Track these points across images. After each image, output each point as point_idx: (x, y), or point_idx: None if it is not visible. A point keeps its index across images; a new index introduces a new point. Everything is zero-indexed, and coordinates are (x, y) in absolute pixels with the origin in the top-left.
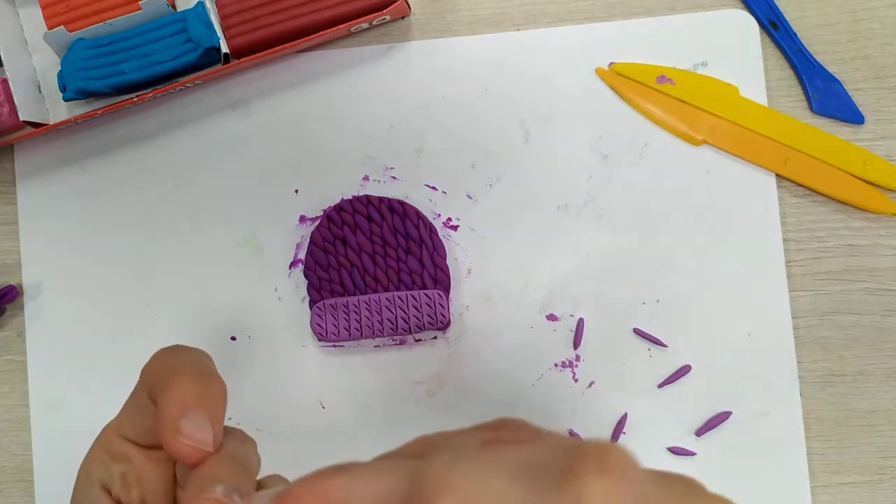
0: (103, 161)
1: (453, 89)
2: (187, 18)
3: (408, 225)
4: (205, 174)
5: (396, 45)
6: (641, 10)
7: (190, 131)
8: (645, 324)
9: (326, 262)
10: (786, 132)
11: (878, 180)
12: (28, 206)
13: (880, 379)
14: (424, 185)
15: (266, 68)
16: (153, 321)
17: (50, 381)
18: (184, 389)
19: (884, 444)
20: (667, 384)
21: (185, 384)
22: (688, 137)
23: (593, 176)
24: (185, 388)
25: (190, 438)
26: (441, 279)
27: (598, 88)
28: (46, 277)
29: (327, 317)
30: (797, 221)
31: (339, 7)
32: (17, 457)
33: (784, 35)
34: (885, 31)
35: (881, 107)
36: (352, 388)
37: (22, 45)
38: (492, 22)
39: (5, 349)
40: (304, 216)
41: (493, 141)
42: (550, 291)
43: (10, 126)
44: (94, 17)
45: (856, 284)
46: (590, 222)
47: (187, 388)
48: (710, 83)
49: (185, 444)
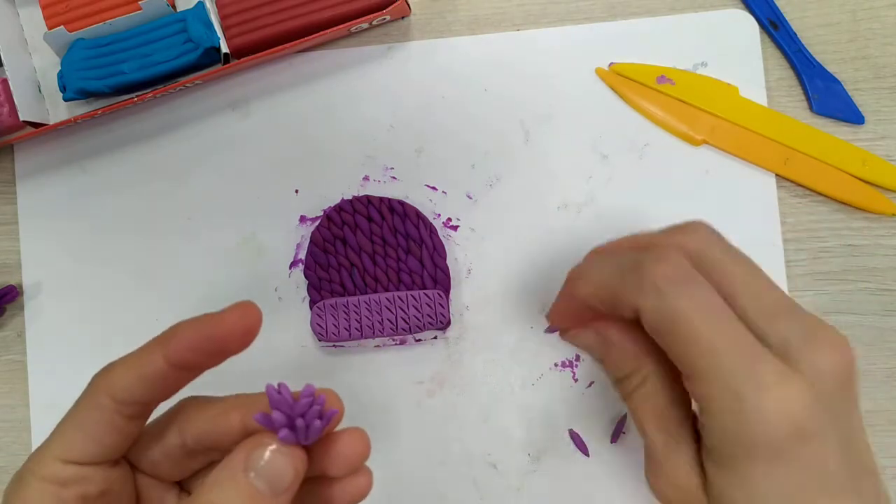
0: (103, 161)
1: (453, 89)
2: (187, 18)
3: (408, 225)
4: (205, 174)
5: (396, 45)
6: (641, 10)
7: (190, 131)
8: None
9: (326, 262)
10: (786, 132)
11: (877, 180)
12: (28, 206)
13: (880, 379)
14: (424, 185)
15: (266, 68)
16: (153, 321)
17: (50, 381)
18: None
19: (884, 444)
20: None
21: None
22: (688, 137)
23: (593, 176)
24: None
25: (231, 307)
26: (441, 279)
27: (598, 88)
28: (46, 277)
29: (327, 317)
30: (797, 221)
31: (339, 7)
32: (17, 457)
33: (784, 35)
34: (885, 31)
35: (881, 107)
36: (352, 388)
37: (22, 45)
38: (492, 22)
39: (5, 349)
40: (304, 216)
41: (493, 141)
42: (550, 291)
43: (10, 126)
44: (94, 17)
45: (856, 284)
46: (590, 222)
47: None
48: (710, 83)
49: (233, 310)
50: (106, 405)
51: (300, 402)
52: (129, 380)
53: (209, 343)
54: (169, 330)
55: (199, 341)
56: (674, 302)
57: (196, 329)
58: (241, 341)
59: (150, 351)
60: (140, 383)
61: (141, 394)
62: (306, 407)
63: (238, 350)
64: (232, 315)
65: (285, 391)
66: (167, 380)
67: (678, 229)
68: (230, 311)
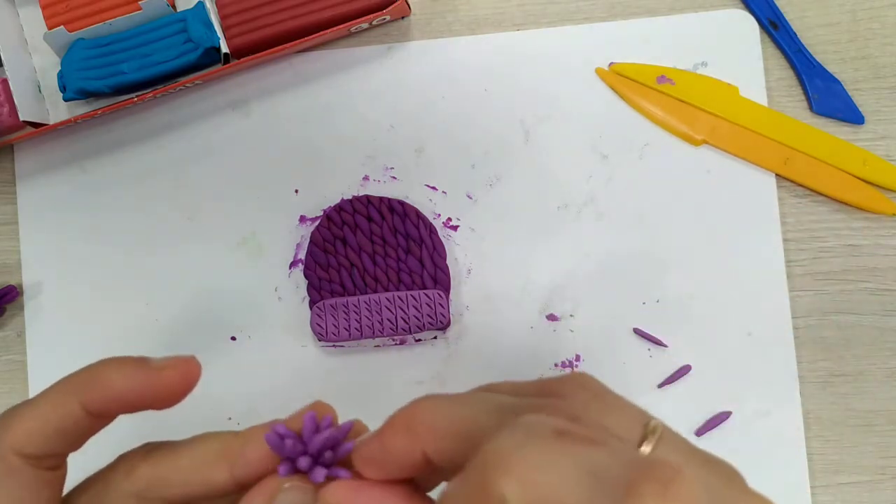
0: (103, 161)
1: (453, 89)
2: (187, 18)
3: (408, 225)
4: (205, 174)
5: (396, 45)
6: (641, 10)
7: (190, 131)
8: (645, 324)
9: (326, 262)
10: (786, 132)
11: (878, 180)
12: (28, 206)
13: (880, 379)
14: (424, 185)
15: (266, 68)
16: (153, 321)
17: (50, 381)
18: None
19: (884, 444)
20: (667, 384)
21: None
22: (688, 137)
23: (593, 176)
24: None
25: (170, 362)
26: (441, 279)
27: (598, 88)
28: (46, 277)
29: (327, 317)
30: (797, 221)
31: (339, 7)
32: None
33: (784, 35)
34: (885, 31)
35: (881, 107)
36: (352, 388)
37: (22, 45)
38: (492, 22)
39: (5, 349)
40: (304, 216)
41: (493, 141)
42: (550, 291)
43: (10, 126)
44: (94, 17)
45: (856, 284)
46: (590, 222)
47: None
48: (710, 83)
49: (174, 367)
50: (16, 466)
51: (315, 440)
52: (41, 432)
53: (137, 397)
54: (87, 372)
55: (127, 393)
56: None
57: (125, 378)
58: (173, 400)
59: (65, 398)
60: (56, 435)
61: (57, 446)
62: (325, 440)
63: (166, 407)
64: (172, 373)
65: (288, 433)
66: (83, 428)
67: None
68: (170, 366)
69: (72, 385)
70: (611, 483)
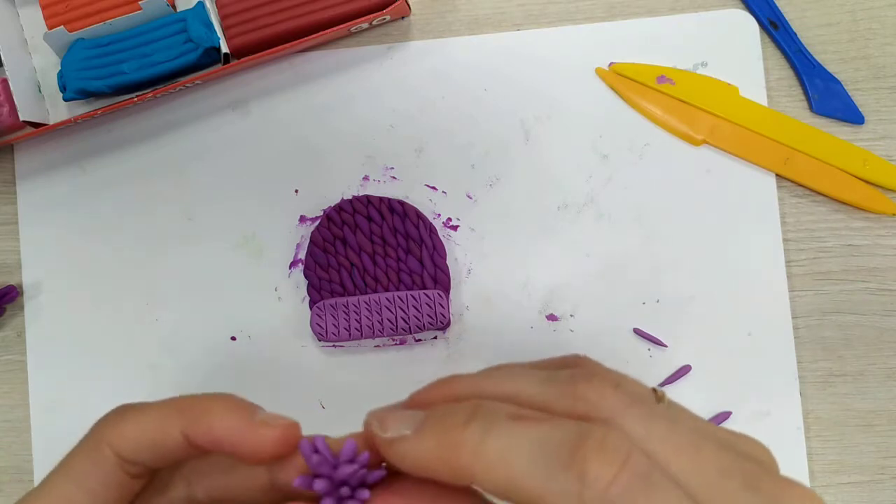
0: (103, 161)
1: (453, 89)
2: (187, 18)
3: (408, 225)
4: (205, 174)
5: (396, 45)
6: (641, 10)
7: (190, 131)
8: (645, 324)
9: (326, 262)
10: (786, 132)
11: (878, 180)
12: (28, 206)
13: (880, 379)
14: (424, 185)
15: (266, 68)
16: (153, 321)
17: (50, 381)
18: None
19: (884, 444)
20: (667, 384)
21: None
22: (688, 137)
23: (593, 176)
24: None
25: (273, 421)
26: (441, 279)
27: (598, 88)
28: (46, 277)
29: (327, 317)
30: (797, 221)
31: (339, 7)
32: (17, 457)
33: (784, 35)
34: (885, 31)
35: (881, 107)
36: (352, 388)
37: (22, 45)
38: (492, 22)
39: (5, 349)
40: (304, 216)
41: (493, 141)
42: (550, 291)
43: (10, 126)
44: (94, 17)
45: (856, 284)
46: (590, 222)
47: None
48: (710, 83)
49: (275, 428)
50: (108, 458)
51: (343, 469)
52: (139, 441)
53: (232, 446)
54: (198, 402)
55: (226, 437)
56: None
57: (229, 421)
58: (259, 459)
59: (170, 420)
60: (151, 449)
61: (148, 459)
62: (351, 473)
63: (251, 464)
64: (270, 432)
65: (324, 449)
66: (179, 454)
67: (575, 385)
68: (272, 425)
69: (180, 409)
70: (558, 451)
